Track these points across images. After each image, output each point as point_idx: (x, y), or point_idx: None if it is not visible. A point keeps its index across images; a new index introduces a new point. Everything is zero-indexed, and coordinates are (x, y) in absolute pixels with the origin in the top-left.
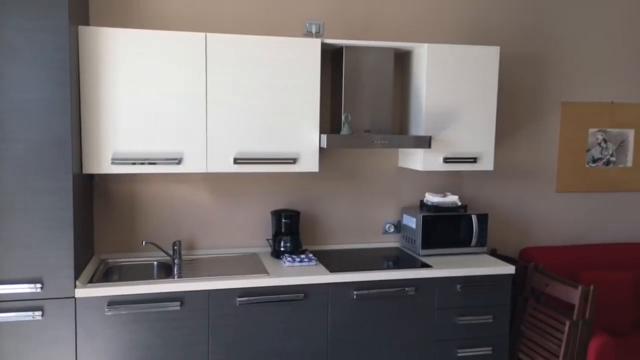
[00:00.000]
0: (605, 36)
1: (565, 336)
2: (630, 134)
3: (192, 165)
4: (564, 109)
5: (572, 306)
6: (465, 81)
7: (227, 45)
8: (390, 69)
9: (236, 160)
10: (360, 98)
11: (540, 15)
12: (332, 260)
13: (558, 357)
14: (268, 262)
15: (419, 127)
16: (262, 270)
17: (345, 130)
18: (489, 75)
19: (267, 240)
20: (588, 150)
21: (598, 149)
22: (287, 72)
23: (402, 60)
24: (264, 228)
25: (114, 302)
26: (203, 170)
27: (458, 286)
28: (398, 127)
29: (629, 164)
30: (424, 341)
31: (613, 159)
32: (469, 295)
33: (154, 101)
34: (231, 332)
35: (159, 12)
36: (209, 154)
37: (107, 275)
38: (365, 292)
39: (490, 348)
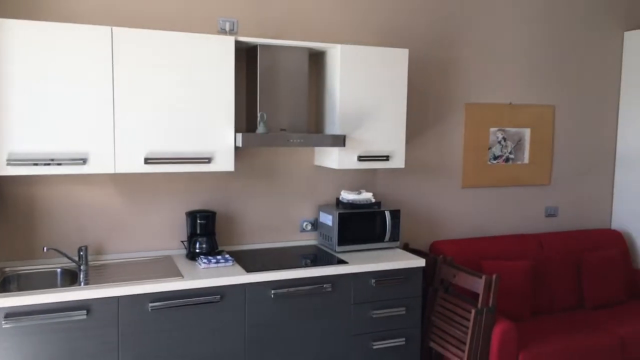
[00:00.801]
0: (504, 42)
1: (471, 324)
2: (527, 132)
3: (98, 165)
4: (468, 109)
5: (477, 295)
6: (377, 82)
7: (135, 40)
8: (305, 69)
9: (147, 160)
10: (276, 97)
11: (447, 21)
12: (250, 260)
13: (465, 344)
14: (183, 264)
15: (334, 126)
16: (176, 273)
17: (260, 129)
18: (399, 76)
19: (182, 242)
20: (490, 148)
21: (498, 147)
22: (201, 70)
23: (317, 60)
24: (179, 230)
25: (13, 314)
26: (111, 171)
27: (372, 281)
28: (314, 126)
29: (526, 160)
30: (341, 336)
31: (512, 156)
32: (383, 289)
33: (56, 98)
34: (143, 340)
35: (69, 5)
36: (118, 154)
37: (4, 285)
38: (283, 290)
39: (403, 339)
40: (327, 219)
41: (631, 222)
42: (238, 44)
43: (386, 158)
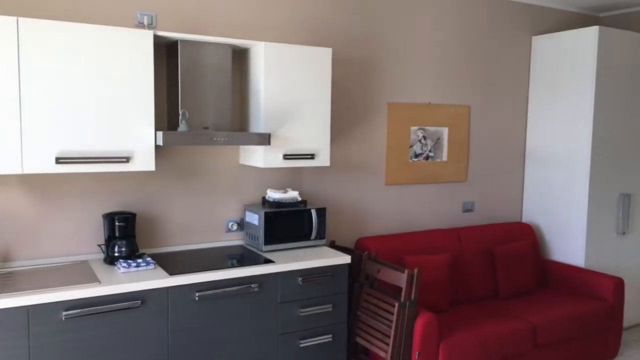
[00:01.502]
0: (423, 44)
1: (395, 317)
2: (445, 131)
3: (3, 165)
4: (390, 108)
5: (400, 289)
6: (301, 80)
7: (43, 32)
8: (228, 66)
9: (59, 160)
10: (198, 94)
11: (369, 22)
12: (173, 263)
13: (389, 337)
14: (100, 269)
15: (258, 125)
16: (92, 279)
17: (182, 127)
18: (323, 75)
19: (99, 246)
20: (411, 147)
21: (419, 145)
22: (117, 65)
23: (241, 58)
24: (96, 233)
25: None
26: (18, 172)
27: (299, 279)
28: (238, 125)
29: (445, 158)
30: (268, 336)
31: (432, 154)
32: (310, 287)
33: None
34: (57, 351)
35: None
36: (25, 153)
37: None
38: (208, 292)
39: (330, 335)
40: (253, 219)
41: (539, 216)
42: (157, 39)
43: (311, 156)
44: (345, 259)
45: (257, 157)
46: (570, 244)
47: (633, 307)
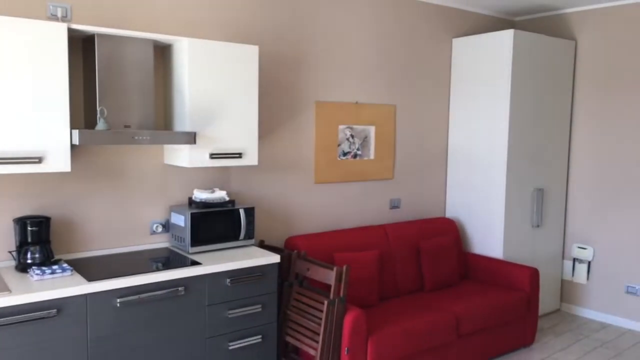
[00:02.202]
0: (350, 44)
1: (324, 315)
2: (372, 130)
3: None
4: (318, 107)
5: (330, 286)
6: (228, 78)
7: None
8: (150, 62)
9: None
10: (118, 91)
11: (296, 21)
12: (92, 268)
13: (319, 334)
14: (11, 277)
15: (184, 123)
16: (2, 288)
17: (100, 125)
18: (249, 73)
19: (10, 252)
20: (339, 145)
21: (347, 143)
22: (28, 59)
23: (165, 54)
24: (6, 239)
25: None
26: None
27: (228, 280)
28: (162, 123)
29: (372, 156)
30: (195, 340)
31: (359, 152)
32: (239, 288)
33: None
34: None
35: None
36: None
37: None
38: (131, 298)
39: (260, 336)
40: (179, 220)
41: (461, 211)
42: (72, 32)
43: (239, 155)
44: (275, 258)
45: (182, 156)
46: (489, 237)
47: (548, 295)
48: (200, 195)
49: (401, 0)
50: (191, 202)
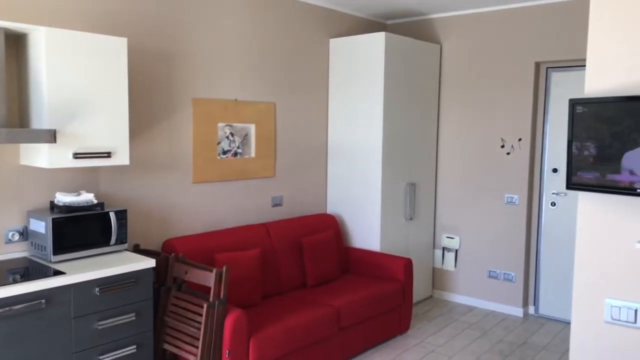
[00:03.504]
0: (228, 40)
1: (203, 318)
2: (252, 128)
3: None
4: (195, 104)
5: (210, 289)
6: (93, 72)
7: None
8: (0, 52)
9: None
10: None
11: (173, 14)
12: None
13: (198, 339)
14: None
15: (41, 120)
16: None
17: None
18: (118, 66)
19: None
20: (219, 143)
21: (227, 141)
22: None
23: (19, 44)
24: None
25: None
26: None
27: (96, 289)
28: (17, 120)
29: (253, 154)
30: (61, 356)
31: (240, 150)
32: (110, 297)
33: None
34: None
35: None
36: None
37: None
38: None
39: (134, 346)
40: (39, 226)
41: (341, 207)
42: None
43: (108, 155)
44: (150, 262)
45: (41, 156)
46: (368, 231)
47: (421, 283)
48: (63, 198)
49: None
50: (53, 207)
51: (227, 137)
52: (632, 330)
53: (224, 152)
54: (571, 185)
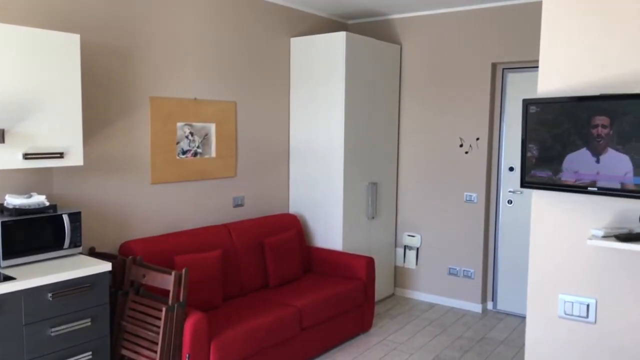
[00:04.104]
0: (187, 38)
1: (162, 322)
2: (212, 127)
3: None
4: (153, 103)
5: (169, 292)
6: (43, 69)
7: None
8: None
9: None
10: None
11: (124, 11)
12: None
13: (157, 344)
14: None
15: None
16: None
17: None
18: (70, 64)
19: None
20: (178, 143)
21: (186, 141)
22: None
23: None
24: None
25: None
26: None
27: (49, 295)
28: None
29: (213, 154)
30: None
31: (200, 150)
32: (63, 302)
33: None
34: None
35: None
36: None
37: None
38: None
39: (90, 353)
40: None
41: (304, 206)
42: None
43: (60, 155)
44: (106, 266)
45: None
46: (330, 230)
47: (383, 282)
48: (13, 201)
49: None
50: (3, 210)
51: (187, 137)
52: (584, 324)
53: (184, 152)
54: (525, 183)
